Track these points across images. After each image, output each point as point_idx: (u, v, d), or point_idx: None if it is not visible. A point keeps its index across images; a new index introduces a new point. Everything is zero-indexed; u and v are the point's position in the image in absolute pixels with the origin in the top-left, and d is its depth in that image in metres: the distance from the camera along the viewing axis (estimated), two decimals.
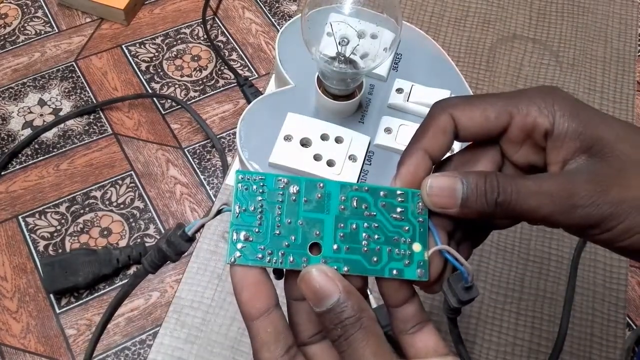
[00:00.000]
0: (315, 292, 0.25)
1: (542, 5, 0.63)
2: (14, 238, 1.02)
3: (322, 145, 0.45)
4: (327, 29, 0.44)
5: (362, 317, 0.24)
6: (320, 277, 0.25)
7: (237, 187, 0.27)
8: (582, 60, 0.60)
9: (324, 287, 0.25)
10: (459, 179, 0.27)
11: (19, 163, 1.10)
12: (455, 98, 0.30)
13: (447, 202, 0.27)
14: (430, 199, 0.28)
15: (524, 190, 0.26)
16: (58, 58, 1.23)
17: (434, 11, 0.62)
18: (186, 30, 1.29)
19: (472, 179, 0.27)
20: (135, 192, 1.08)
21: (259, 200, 0.27)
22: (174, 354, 0.43)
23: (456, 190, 0.27)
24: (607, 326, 0.46)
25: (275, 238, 0.27)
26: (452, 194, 0.27)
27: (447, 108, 0.29)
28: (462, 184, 0.27)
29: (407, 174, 0.29)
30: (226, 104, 1.19)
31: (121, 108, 1.17)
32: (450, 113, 0.29)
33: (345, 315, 0.24)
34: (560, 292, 0.47)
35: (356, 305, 0.25)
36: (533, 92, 0.28)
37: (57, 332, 0.94)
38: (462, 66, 0.58)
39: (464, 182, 0.27)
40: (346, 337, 0.24)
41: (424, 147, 0.29)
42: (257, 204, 0.27)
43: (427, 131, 0.29)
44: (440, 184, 0.28)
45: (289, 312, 0.28)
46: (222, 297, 0.45)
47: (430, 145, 0.29)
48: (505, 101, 0.28)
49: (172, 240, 0.29)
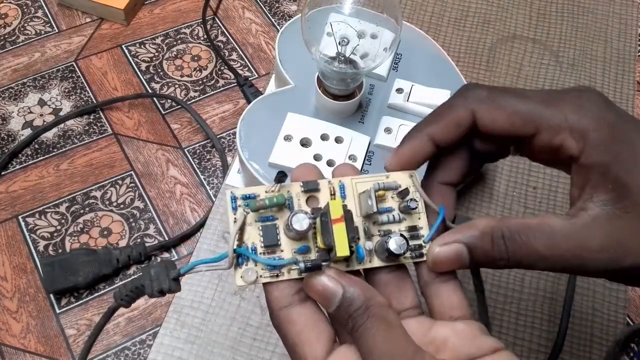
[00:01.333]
0: (320, 294, 0.25)
1: (542, 5, 0.63)
2: (14, 238, 1.02)
3: (322, 145, 0.45)
4: (327, 29, 0.44)
5: (370, 305, 0.24)
6: (322, 279, 0.25)
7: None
8: (582, 60, 0.60)
9: (327, 287, 0.25)
10: (463, 246, 0.26)
11: (19, 163, 1.10)
12: (483, 91, 0.28)
13: (454, 267, 0.27)
14: (436, 269, 0.27)
15: (535, 255, 0.25)
16: (58, 58, 1.23)
17: (434, 11, 0.62)
18: (186, 30, 1.29)
19: (479, 244, 0.26)
20: (135, 192, 1.08)
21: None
22: (174, 354, 0.43)
23: (461, 257, 0.27)
24: (607, 326, 0.46)
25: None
26: (458, 260, 0.27)
27: (471, 103, 0.27)
28: (467, 250, 0.26)
29: (405, 154, 0.28)
30: (226, 104, 1.19)
31: (121, 108, 1.17)
32: (472, 109, 0.27)
33: (353, 307, 0.24)
34: (561, 292, 0.47)
35: (362, 296, 0.24)
36: (569, 102, 0.26)
37: (57, 332, 0.94)
38: (462, 66, 0.58)
39: (469, 247, 0.26)
40: (357, 327, 0.24)
41: (432, 134, 0.28)
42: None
43: (441, 119, 0.28)
44: (444, 254, 0.27)
45: None
46: (222, 297, 0.45)
47: (439, 133, 0.28)
48: (536, 107, 0.26)
49: (159, 278, 0.26)
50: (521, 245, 0.25)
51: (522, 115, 0.26)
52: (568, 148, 0.26)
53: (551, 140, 0.26)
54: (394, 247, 0.27)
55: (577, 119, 0.25)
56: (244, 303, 0.45)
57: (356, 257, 0.27)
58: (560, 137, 0.26)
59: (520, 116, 0.27)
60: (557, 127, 0.26)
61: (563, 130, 0.26)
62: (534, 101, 0.27)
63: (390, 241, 0.27)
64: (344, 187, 0.28)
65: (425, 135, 0.28)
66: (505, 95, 0.27)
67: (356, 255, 0.27)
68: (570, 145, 0.26)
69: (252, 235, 0.27)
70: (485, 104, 0.27)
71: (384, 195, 0.28)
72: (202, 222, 1.03)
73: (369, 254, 0.28)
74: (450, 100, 0.29)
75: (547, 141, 0.26)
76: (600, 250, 0.24)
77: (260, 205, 0.26)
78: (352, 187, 0.28)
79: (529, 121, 0.26)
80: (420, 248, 0.28)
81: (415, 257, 0.28)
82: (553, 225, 0.25)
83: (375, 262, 0.28)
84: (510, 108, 0.27)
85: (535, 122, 0.26)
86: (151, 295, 0.26)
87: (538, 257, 0.25)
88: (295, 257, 0.26)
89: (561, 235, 0.25)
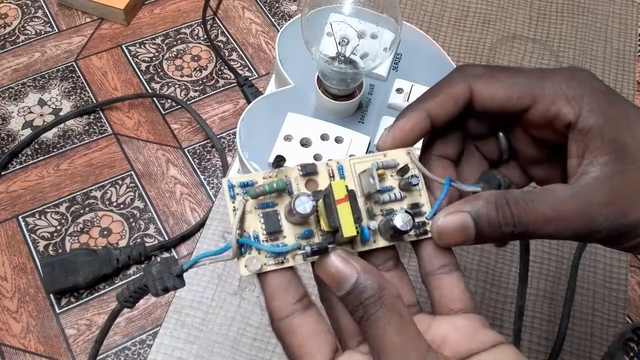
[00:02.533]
0: (333, 276, 0.25)
1: (542, 5, 0.63)
2: (14, 238, 1.02)
3: (322, 145, 0.45)
4: (327, 29, 0.44)
5: (383, 295, 0.24)
6: (337, 261, 0.25)
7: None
8: (582, 60, 0.60)
9: (341, 270, 0.24)
10: (468, 216, 0.26)
11: (19, 163, 1.10)
12: (480, 68, 0.28)
13: (460, 240, 0.27)
14: (442, 241, 0.27)
15: (541, 218, 0.25)
16: (58, 58, 1.23)
17: (434, 11, 0.62)
18: (186, 30, 1.29)
19: (483, 212, 0.26)
20: (135, 192, 1.08)
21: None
22: (174, 354, 0.43)
23: (467, 228, 0.26)
24: (607, 326, 0.46)
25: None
26: (463, 232, 0.26)
27: (468, 78, 0.28)
28: (472, 219, 0.26)
29: (401, 130, 0.28)
30: (226, 104, 1.19)
31: (121, 108, 1.17)
32: (470, 84, 0.28)
33: (365, 295, 0.24)
34: (561, 292, 0.47)
35: (376, 284, 0.24)
36: (563, 75, 0.27)
37: (57, 332, 0.94)
38: None
39: (474, 216, 0.26)
40: (367, 316, 0.24)
41: (428, 109, 0.28)
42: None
43: (437, 95, 0.28)
44: (450, 224, 0.26)
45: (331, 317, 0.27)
46: (222, 297, 0.45)
47: (436, 108, 0.28)
48: (531, 81, 0.27)
49: (162, 277, 0.26)
50: (526, 209, 0.25)
51: (519, 88, 0.27)
52: (565, 115, 0.26)
53: (548, 109, 0.27)
54: (400, 223, 0.26)
55: (571, 88, 0.26)
56: (244, 303, 0.45)
57: (361, 238, 0.27)
58: (557, 105, 0.26)
59: (517, 89, 0.27)
60: (553, 96, 0.26)
61: (559, 99, 0.26)
62: (529, 75, 0.27)
63: (395, 218, 0.26)
64: (342, 169, 0.28)
65: (421, 110, 0.28)
66: (502, 71, 0.28)
67: (361, 236, 0.27)
68: (566, 112, 0.26)
69: (253, 224, 0.26)
70: (483, 79, 0.28)
71: (383, 174, 0.28)
72: (202, 222, 1.03)
73: (373, 234, 0.27)
74: (447, 77, 0.29)
75: (543, 111, 0.27)
76: (605, 204, 0.25)
77: (261, 192, 0.26)
78: (350, 168, 0.28)
79: (525, 93, 0.27)
80: (423, 225, 0.28)
81: (420, 234, 0.28)
82: (556, 189, 0.26)
83: (380, 242, 0.27)
84: (507, 81, 0.27)
85: (532, 93, 0.27)
86: (156, 295, 0.26)
87: (544, 219, 0.25)
88: (300, 242, 0.26)
89: (565, 196, 0.25)
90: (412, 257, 0.30)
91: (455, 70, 0.29)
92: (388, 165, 0.28)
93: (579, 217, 0.25)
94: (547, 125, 0.27)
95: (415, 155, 0.29)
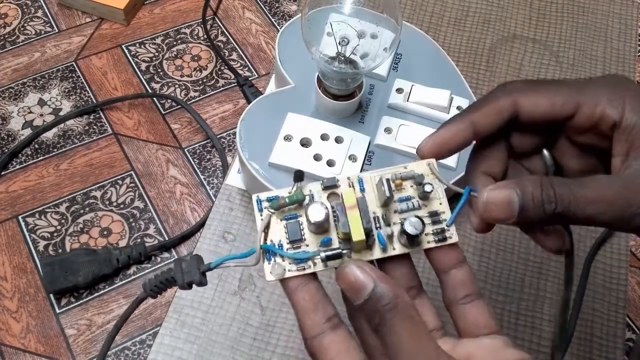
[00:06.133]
0: (351, 285, 0.26)
1: (542, 5, 0.63)
2: (14, 238, 1.02)
3: (322, 145, 0.45)
4: (327, 29, 0.44)
5: (398, 302, 0.25)
6: (355, 271, 0.26)
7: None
8: (582, 60, 0.60)
9: (359, 279, 0.25)
10: (514, 191, 0.27)
11: (19, 163, 1.10)
12: (520, 82, 0.30)
13: (504, 215, 0.27)
14: (487, 214, 0.28)
15: (582, 199, 0.26)
16: (58, 58, 1.23)
17: (434, 11, 0.62)
18: (186, 30, 1.29)
19: (528, 189, 0.26)
20: (135, 192, 1.08)
21: None
22: (174, 354, 0.43)
23: (512, 202, 0.27)
24: (607, 326, 0.46)
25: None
26: (508, 207, 0.27)
27: (511, 92, 0.29)
28: (517, 195, 0.27)
29: (442, 136, 0.29)
30: (226, 104, 1.19)
31: (121, 108, 1.17)
32: (514, 98, 0.29)
33: (382, 303, 0.25)
34: (561, 292, 0.47)
35: (392, 293, 0.25)
36: (602, 82, 0.28)
37: (57, 332, 0.94)
38: (462, 66, 0.58)
39: (519, 193, 0.27)
40: (384, 323, 0.25)
41: (472, 120, 0.29)
42: None
43: (481, 107, 0.29)
44: (496, 197, 0.27)
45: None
46: (222, 297, 0.45)
47: (479, 119, 0.29)
48: (572, 89, 0.28)
49: (190, 271, 0.28)
50: (569, 190, 0.26)
51: (562, 96, 0.28)
52: (609, 116, 0.27)
53: (593, 113, 0.28)
54: (409, 228, 0.27)
55: (611, 92, 0.28)
56: (244, 303, 0.45)
57: (378, 245, 0.28)
58: (601, 107, 0.27)
59: (560, 97, 0.28)
60: (596, 100, 0.28)
61: (602, 102, 0.28)
62: (570, 84, 0.29)
63: (405, 223, 0.28)
64: (362, 181, 0.29)
65: (465, 120, 0.29)
66: (543, 83, 0.29)
67: (378, 243, 0.28)
68: (610, 113, 0.27)
69: (278, 233, 0.28)
70: (526, 91, 0.29)
71: (401, 184, 0.29)
72: (202, 222, 1.03)
73: (389, 240, 0.28)
74: (491, 92, 0.30)
75: (588, 114, 0.28)
76: None
77: (282, 204, 0.28)
78: (370, 181, 0.29)
79: (569, 100, 0.28)
80: (442, 232, 0.29)
81: (439, 240, 0.29)
82: (599, 176, 0.27)
83: (397, 249, 0.29)
84: (549, 91, 0.29)
85: (575, 99, 0.28)
86: (182, 287, 0.28)
87: (585, 200, 0.26)
88: (319, 250, 0.28)
89: (608, 181, 0.26)
90: (423, 258, 0.30)
91: (498, 86, 0.30)
92: (406, 177, 0.29)
93: (619, 200, 0.26)
94: (592, 129, 0.28)
95: (435, 167, 0.29)
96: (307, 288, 0.27)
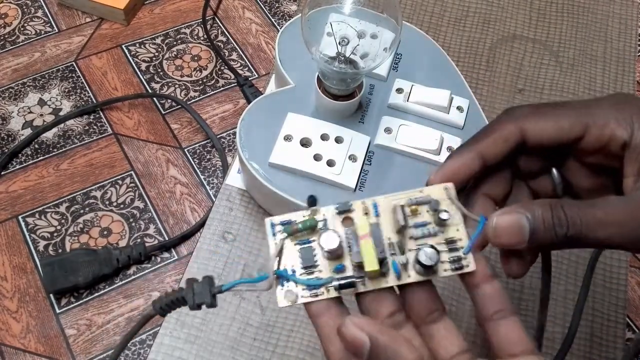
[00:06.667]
0: (351, 344, 0.25)
1: (542, 5, 0.63)
2: (14, 238, 1.02)
3: (322, 145, 0.45)
4: (327, 29, 0.44)
5: (399, 353, 0.25)
6: (351, 329, 0.25)
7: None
8: (582, 60, 0.60)
9: (356, 338, 0.25)
10: (524, 216, 0.26)
11: (19, 163, 1.10)
12: (526, 108, 0.29)
13: (515, 240, 0.27)
14: (497, 240, 0.27)
15: (593, 221, 0.25)
16: (58, 58, 1.23)
17: (434, 11, 0.62)
18: (186, 30, 1.29)
19: (538, 213, 0.26)
20: (135, 192, 1.08)
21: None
22: (174, 354, 0.43)
23: (522, 227, 0.26)
24: (607, 326, 0.46)
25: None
26: (519, 232, 0.26)
27: (517, 119, 0.29)
28: (527, 220, 0.26)
29: (451, 169, 0.29)
30: (226, 104, 1.19)
31: (121, 108, 1.18)
32: (520, 125, 0.28)
33: (382, 358, 0.25)
34: (560, 292, 0.47)
35: (389, 350, 0.25)
36: (608, 102, 0.28)
37: (57, 332, 0.94)
38: (462, 66, 0.58)
39: (529, 217, 0.26)
40: None
41: (479, 150, 0.29)
42: None
43: (488, 136, 0.29)
44: (505, 222, 0.27)
45: None
46: (222, 297, 0.45)
47: (486, 149, 0.29)
48: (579, 111, 0.28)
49: (202, 292, 0.28)
50: (579, 212, 0.26)
51: (568, 119, 0.28)
52: (618, 137, 0.27)
53: (601, 134, 0.27)
54: (423, 258, 0.27)
55: (619, 111, 0.27)
56: (244, 303, 0.45)
57: (393, 272, 0.27)
58: (610, 128, 0.27)
59: (567, 120, 0.28)
60: (604, 121, 0.27)
61: (610, 122, 0.27)
62: (576, 106, 0.28)
63: (420, 253, 0.27)
64: (377, 206, 0.28)
65: (472, 150, 0.29)
66: (548, 106, 0.29)
67: (392, 270, 0.27)
68: (620, 133, 0.27)
69: (292, 259, 0.28)
70: (532, 117, 0.29)
71: (417, 210, 0.28)
72: (202, 222, 1.03)
73: (404, 268, 0.28)
74: (496, 119, 0.29)
75: (597, 136, 0.27)
76: None
77: (295, 230, 0.28)
78: (385, 206, 0.28)
79: (576, 122, 0.28)
80: (459, 260, 0.28)
81: (456, 269, 0.28)
82: (610, 198, 0.26)
83: (412, 277, 0.28)
84: (555, 115, 0.28)
85: (582, 121, 0.28)
86: (192, 308, 0.28)
87: (596, 222, 0.25)
88: (332, 276, 0.27)
89: (619, 203, 0.26)
90: None
91: (503, 112, 0.30)
92: (422, 202, 0.28)
93: (632, 221, 0.25)
94: (601, 150, 0.28)
95: (453, 192, 0.29)
96: (331, 313, 0.27)
